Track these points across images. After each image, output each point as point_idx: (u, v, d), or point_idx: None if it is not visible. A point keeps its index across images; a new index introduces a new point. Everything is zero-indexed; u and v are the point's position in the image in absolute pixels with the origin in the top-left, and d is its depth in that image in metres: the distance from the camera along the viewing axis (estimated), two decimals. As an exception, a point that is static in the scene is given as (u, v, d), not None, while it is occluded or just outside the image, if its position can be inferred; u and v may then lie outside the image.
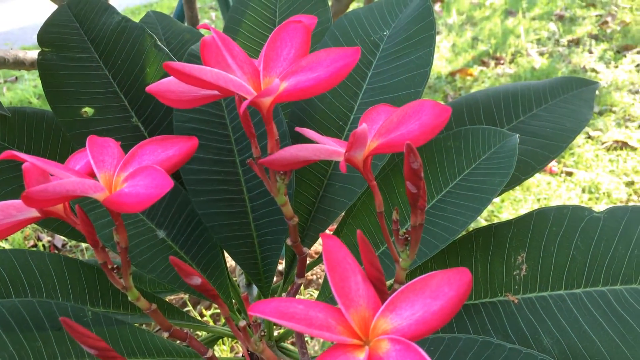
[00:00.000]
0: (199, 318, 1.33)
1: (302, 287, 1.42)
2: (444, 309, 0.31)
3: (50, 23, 0.59)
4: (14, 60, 1.00)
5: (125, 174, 0.36)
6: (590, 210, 0.56)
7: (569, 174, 2.19)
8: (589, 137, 2.58)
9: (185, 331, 0.44)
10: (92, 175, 0.38)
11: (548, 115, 0.66)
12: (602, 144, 2.52)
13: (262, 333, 0.38)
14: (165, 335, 0.42)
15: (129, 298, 0.41)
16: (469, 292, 0.31)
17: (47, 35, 0.58)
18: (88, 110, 0.58)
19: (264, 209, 0.57)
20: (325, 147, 0.38)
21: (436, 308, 0.31)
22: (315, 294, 1.36)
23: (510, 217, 1.69)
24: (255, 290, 0.70)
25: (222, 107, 0.57)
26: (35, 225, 2.26)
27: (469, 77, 2.67)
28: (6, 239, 2.28)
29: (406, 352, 0.29)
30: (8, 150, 0.61)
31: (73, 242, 2.13)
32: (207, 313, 1.33)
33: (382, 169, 0.59)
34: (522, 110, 0.68)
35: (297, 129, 0.43)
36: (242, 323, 0.35)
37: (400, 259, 0.41)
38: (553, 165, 2.37)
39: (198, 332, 1.11)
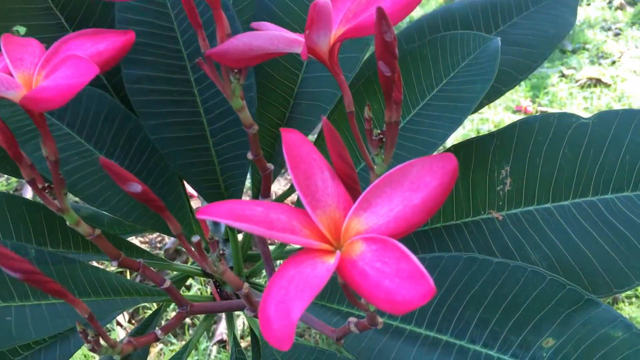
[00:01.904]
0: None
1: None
2: (427, 202, 0.27)
3: None
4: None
5: (45, 71, 0.31)
6: (577, 117, 0.51)
7: (544, 113, 2.17)
8: (563, 75, 2.56)
9: (138, 261, 0.39)
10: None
11: (529, 22, 0.61)
12: (576, 82, 2.50)
13: (221, 252, 0.33)
14: (114, 264, 0.37)
15: (68, 222, 0.35)
16: (455, 181, 0.27)
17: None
18: (19, 30, 0.51)
19: (224, 131, 0.52)
20: (283, 34, 0.33)
21: (417, 201, 0.27)
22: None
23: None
24: (223, 225, 0.65)
25: (171, 18, 0.51)
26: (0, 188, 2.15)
27: None
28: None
29: (383, 251, 0.25)
30: None
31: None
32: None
33: (352, 84, 0.53)
34: (502, 19, 0.62)
35: (254, 24, 0.37)
36: (195, 238, 0.31)
37: (375, 166, 0.36)
38: (527, 105, 2.35)
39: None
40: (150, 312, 1.28)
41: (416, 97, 0.53)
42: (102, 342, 0.33)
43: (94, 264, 0.97)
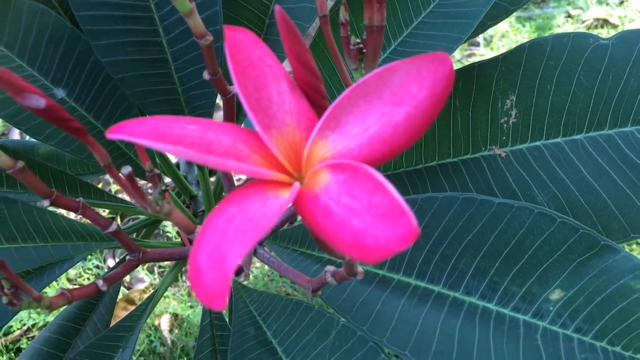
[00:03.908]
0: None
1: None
2: (413, 119, 0.21)
3: None
4: None
5: None
6: (595, 37, 0.44)
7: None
8: (569, 15, 2.45)
9: (77, 200, 0.33)
10: None
11: None
12: (583, 22, 2.39)
13: (164, 188, 0.27)
14: (45, 204, 0.31)
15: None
16: (450, 90, 0.20)
17: None
18: None
19: (188, 53, 0.45)
20: None
21: (400, 118, 0.21)
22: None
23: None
24: (196, 168, 0.59)
25: None
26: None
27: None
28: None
29: (353, 181, 0.19)
30: None
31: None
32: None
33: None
34: None
35: None
36: (126, 169, 0.24)
37: (353, 83, 0.29)
38: (532, 46, 2.25)
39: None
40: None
41: (410, 14, 0.45)
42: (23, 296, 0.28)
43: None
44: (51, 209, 0.37)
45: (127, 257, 0.35)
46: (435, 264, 0.38)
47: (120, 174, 0.25)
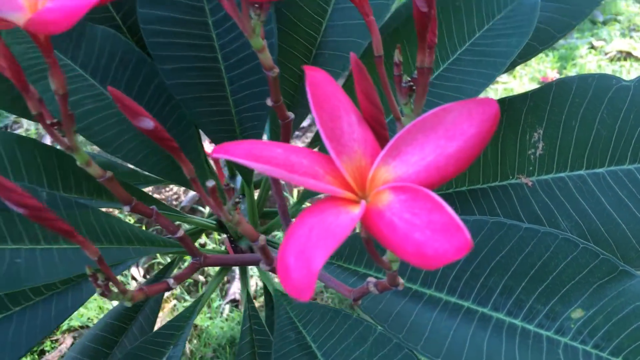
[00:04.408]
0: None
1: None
2: (463, 152, 0.24)
3: None
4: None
5: (53, -6, 0.28)
6: (618, 79, 0.48)
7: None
8: (592, 47, 2.47)
9: (151, 208, 0.37)
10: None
11: (571, -23, 0.57)
12: (606, 54, 2.42)
13: (237, 199, 0.31)
14: (127, 209, 0.36)
15: (78, 162, 0.34)
16: (495, 129, 0.24)
17: None
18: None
19: (243, 79, 0.49)
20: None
21: (452, 150, 0.24)
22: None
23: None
24: (239, 181, 0.63)
25: (190, -44, 0.48)
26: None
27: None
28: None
29: (414, 201, 0.23)
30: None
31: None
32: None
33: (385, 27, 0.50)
34: (541, -27, 0.58)
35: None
36: (210, 183, 0.28)
37: (403, 116, 0.34)
38: (554, 76, 2.28)
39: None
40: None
41: (446, 51, 0.49)
42: (112, 287, 0.32)
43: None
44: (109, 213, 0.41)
45: (191, 260, 0.39)
46: (465, 281, 0.41)
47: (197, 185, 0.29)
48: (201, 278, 1.29)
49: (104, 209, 0.47)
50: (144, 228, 1.35)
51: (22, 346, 0.46)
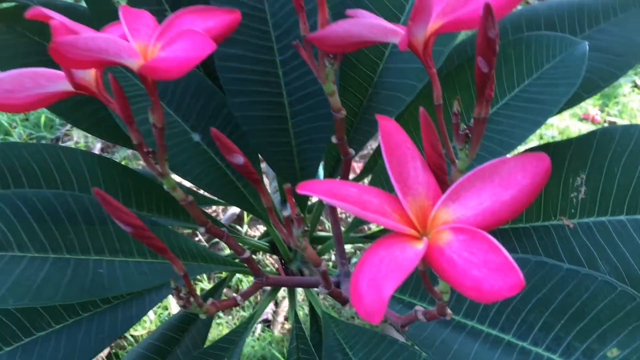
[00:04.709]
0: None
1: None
2: (516, 199, 0.28)
3: None
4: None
5: (161, 42, 0.33)
6: (661, 131, 0.50)
7: (612, 123, 2.09)
8: (636, 85, 2.46)
9: (222, 230, 0.42)
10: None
11: (616, 29, 0.60)
12: (649, 93, 2.40)
13: (305, 228, 0.35)
14: (202, 230, 0.40)
15: (165, 187, 0.38)
16: (546, 181, 0.27)
17: None
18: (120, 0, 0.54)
19: (304, 114, 0.54)
20: (382, 23, 0.34)
21: (507, 198, 0.28)
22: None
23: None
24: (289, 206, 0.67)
25: (263, 0, 0.52)
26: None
27: None
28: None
29: (472, 241, 0.26)
30: (42, 44, 0.58)
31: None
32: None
33: (439, 70, 0.54)
34: (588, 24, 0.61)
35: (349, 11, 0.38)
36: (286, 212, 0.32)
37: (458, 160, 0.37)
38: (596, 114, 2.27)
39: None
40: (201, 283, 1.32)
41: (496, 96, 0.53)
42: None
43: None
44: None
45: (254, 280, 0.42)
46: (506, 315, 0.44)
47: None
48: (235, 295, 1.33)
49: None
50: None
51: (91, 350, 0.50)
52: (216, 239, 1.28)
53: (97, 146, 2.33)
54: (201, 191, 0.83)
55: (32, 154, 0.51)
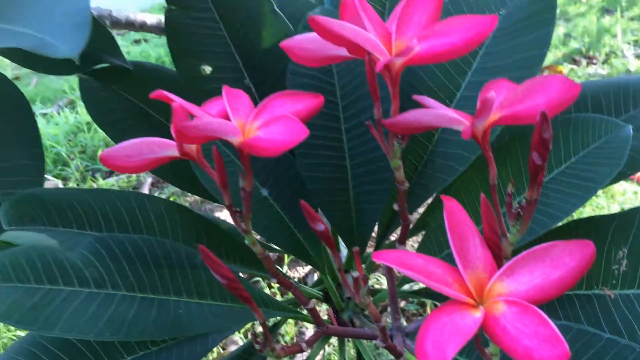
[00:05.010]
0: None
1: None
2: (563, 279, 0.32)
3: (178, -17, 0.62)
4: (125, 21, 1.06)
5: (258, 122, 0.39)
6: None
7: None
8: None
9: (291, 281, 0.46)
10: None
11: (661, 111, 0.64)
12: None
13: (370, 288, 0.39)
14: (274, 281, 0.45)
15: (246, 242, 0.43)
16: (590, 266, 0.31)
17: (175, -6, 0.62)
18: (206, 68, 0.61)
19: (363, 177, 0.59)
20: (448, 114, 0.39)
21: (555, 277, 0.32)
22: (382, 279, 1.37)
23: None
24: (344, 255, 0.72)
25: (333, 74, 0.59)
26: (122, 184, 2.38)
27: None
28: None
29: (524, 314, 0.30)
30: (131, 101, 0.66)
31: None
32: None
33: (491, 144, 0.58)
34: (633, 104, 0.65)
35: (415, 97, 0.43)
36: (355, 274, 0.37)
37: (509, 234, 0.41)
38: (640, 176, 2.25)
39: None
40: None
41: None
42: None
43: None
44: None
45: (315, 329, 0.47)
46: (548, 378, 0.47)
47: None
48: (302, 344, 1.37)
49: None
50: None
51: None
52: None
53: (148, 180, 2.43)
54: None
55: (122, 200, 0.57)
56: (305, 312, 0.52)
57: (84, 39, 0.39)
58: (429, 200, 0.65)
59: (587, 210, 1.87)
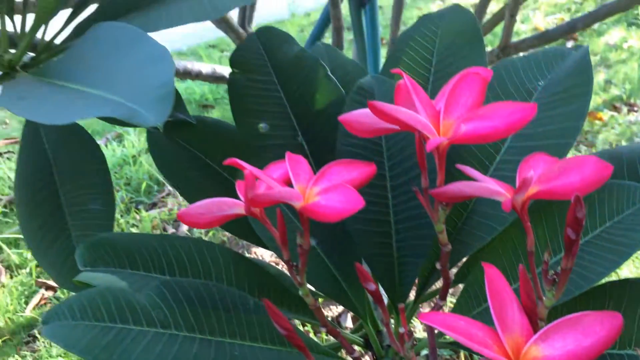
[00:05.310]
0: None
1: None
2: (594, 347, 0.35)
3: (241, 48, 0.69)
4: (183, 70, 1.14)
5: (318, 188, 0.43)
6: None
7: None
8: None
9: (338, 330, 0.50)
10: (288, 184, 0.45)
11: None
12: None
13: (414, 342, 0.43)
14: (323, 329, 0.49)
15: (300, 293, 0.48)
16: (618, 336, 0.35)
17: (238, 58, 0.68)
18: (263, 126, 0.67)
19: (406, 232, 0.63)
20: (489, 187, 0.43)
21: (587, 344, 0.35)
22: (417, 325, 1.38)
23: (631, 275, 1.62)
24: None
25: (381, 137, 0.63)
26: (163, 217, 2.45)
27: (597, 122, 2.58)
28: (136, 226, 2.49)
29: (557, 377, 0.33)
30: (193, 152, 0.72)
31: (194, 237, 2.32)
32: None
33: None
34: (670, 170, 0.68)
35: (458, 166, 0.48)
36: (402, 330, 0.41)
37: (545, 298, 0.44)
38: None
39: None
40: None
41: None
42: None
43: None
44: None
45: (360, 377, 0.50)
46: None
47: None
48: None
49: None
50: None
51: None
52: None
53: (179, 229, 2.50)
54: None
55: (183, 245, 0.62)
56: (349, 358, 0.56)
57: (168, 109, 0.45)
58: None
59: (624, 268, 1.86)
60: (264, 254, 2.02)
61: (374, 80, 0.63)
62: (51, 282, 2.18)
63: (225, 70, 1.28)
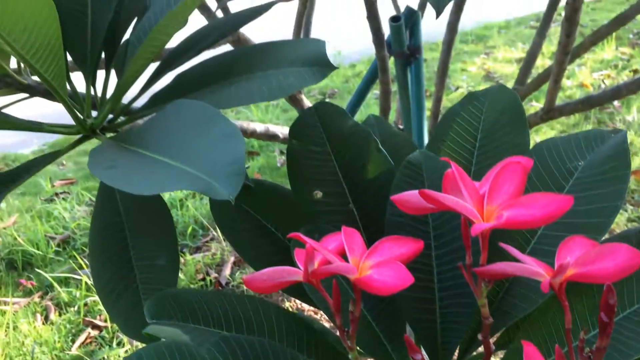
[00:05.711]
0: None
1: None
2: None
3: (300, 121, 0.75)
4: (239, 129, 1.22)
5: (370, 262, 0.48)
6: None
7: None
8: None
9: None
10: (342, 254, 0.50)
11: None
12: None
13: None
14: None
15: (350, 357, 0.52)
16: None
17: (297, 130, 0.75)
18: (318, 193, 0.72)
19: (450, 299, 0.66)
20: (530, 268, 0.47)
21: None
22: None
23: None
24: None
25: (429, 224, 0.68)
26: (206, 261, 2.52)
27: (644, 183, 2.55)
28: (181, 269, 2.57)
29: None
30: (251, 214, 0.77)
31: (235, 282, 2.37)
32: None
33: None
34: None
35: (502, 244, 0.52)
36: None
37: (580, 375, 0.47)
38: None
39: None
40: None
41: (617, 309, 0.62)
42: None
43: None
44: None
45: None
46: None
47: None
48: None
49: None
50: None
51: None
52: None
53: (230, 259, 2.57)
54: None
55: (239, 302, 0.67)
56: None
57: (240, 184, 0.51)
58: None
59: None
60: (302, 304, 2.05)
61: (421, 156, 0.69)
62: (97, 322, 2.26)
63: (278, 130, 1.36)
